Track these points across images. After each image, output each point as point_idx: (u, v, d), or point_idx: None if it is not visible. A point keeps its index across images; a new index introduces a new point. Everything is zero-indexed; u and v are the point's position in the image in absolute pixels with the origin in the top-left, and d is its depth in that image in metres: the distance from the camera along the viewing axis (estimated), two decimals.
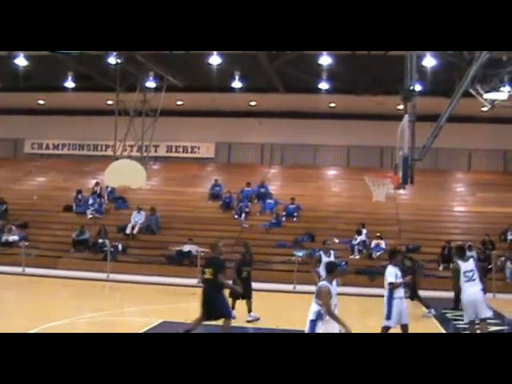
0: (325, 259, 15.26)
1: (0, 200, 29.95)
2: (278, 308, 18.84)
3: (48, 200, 31.08)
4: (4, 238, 27.14)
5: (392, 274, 12.11)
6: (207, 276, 11.90)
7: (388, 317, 12.00)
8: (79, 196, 30.41)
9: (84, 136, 35.50)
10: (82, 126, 34.38)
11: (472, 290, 12.27)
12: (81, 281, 22.97)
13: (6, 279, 23.19)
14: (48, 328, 13.08)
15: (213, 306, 11.87)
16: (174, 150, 35.37)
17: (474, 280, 12.34)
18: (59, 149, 37.00)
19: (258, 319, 15.43)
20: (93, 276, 23.57)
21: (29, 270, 24.11)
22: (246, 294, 15.33)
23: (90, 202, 29.93)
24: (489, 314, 12.45)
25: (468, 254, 14.93)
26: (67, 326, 12.41)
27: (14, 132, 35.96)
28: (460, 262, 12.58)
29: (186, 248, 25.42)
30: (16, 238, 27.07)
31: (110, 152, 30.96)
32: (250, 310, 15.63)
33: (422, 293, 18.10)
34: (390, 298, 12.01)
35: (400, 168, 15.92)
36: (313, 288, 16.97)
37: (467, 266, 12.52)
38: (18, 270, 24.23)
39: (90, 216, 29.19)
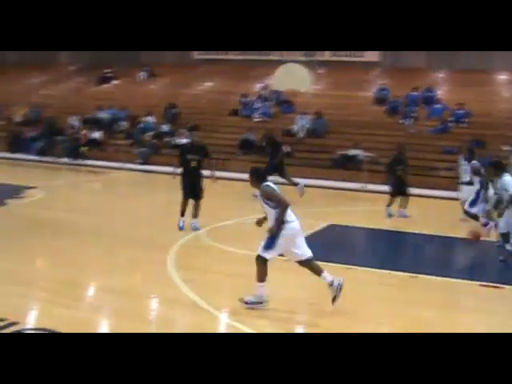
0: None
1: (172, 105, 31.14)
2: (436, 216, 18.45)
3: (215, 104, 31.90)
4: (176, 141, 28.34)
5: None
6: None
7: None
8: (245, 100, 30.95)
9: None
10: None
11: None
12: (245, 182, 23.58)
13: (177, 180, 24.36)
14: (218, 227, 13.77)
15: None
16: (339, 53, 34.89)
17: None
18: (225, 54, 37.64)
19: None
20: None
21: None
22: (401, 192, 17.17)
23: (257, 105, 30.40)
24: None
25: None
26: (235, 225, 12.90)
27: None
28: None
29: (351, 152, 25.43)
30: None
31: (274, 57, 31.12)
32: (404, 207, 17.22)
33: None
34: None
35: None
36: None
37: None
38: None
39: (258, 119, 29.72)
